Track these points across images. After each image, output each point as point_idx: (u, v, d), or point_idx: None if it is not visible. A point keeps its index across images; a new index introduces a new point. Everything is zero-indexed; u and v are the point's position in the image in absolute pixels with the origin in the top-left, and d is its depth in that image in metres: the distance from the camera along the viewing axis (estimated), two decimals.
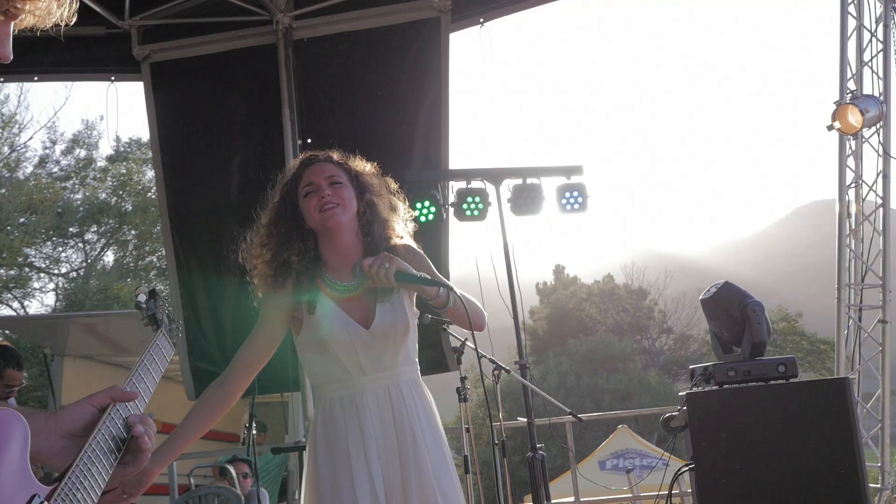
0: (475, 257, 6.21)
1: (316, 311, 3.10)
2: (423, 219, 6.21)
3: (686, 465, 4.71)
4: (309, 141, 6.95)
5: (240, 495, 6.83)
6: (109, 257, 23.44)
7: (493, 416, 4.99)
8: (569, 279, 39.30)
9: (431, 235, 6.52)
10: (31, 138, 33.58)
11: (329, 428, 3.11)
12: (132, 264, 23.28)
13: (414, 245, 3.29)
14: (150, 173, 21.08)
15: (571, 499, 7.18)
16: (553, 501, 6.22)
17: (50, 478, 1.52)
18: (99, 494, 1.49)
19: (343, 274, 3.16)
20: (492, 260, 6.24)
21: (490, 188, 6.41)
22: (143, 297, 1.92)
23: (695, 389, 4.85)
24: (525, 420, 5.91)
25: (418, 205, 6.19)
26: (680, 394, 4.85)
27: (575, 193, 6.52)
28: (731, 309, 4.90)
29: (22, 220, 19.73)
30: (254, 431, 6.31)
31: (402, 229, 3.29)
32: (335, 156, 3.27)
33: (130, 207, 22.04)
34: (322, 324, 3.10)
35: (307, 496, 3.11)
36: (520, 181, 6.46)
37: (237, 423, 11.53)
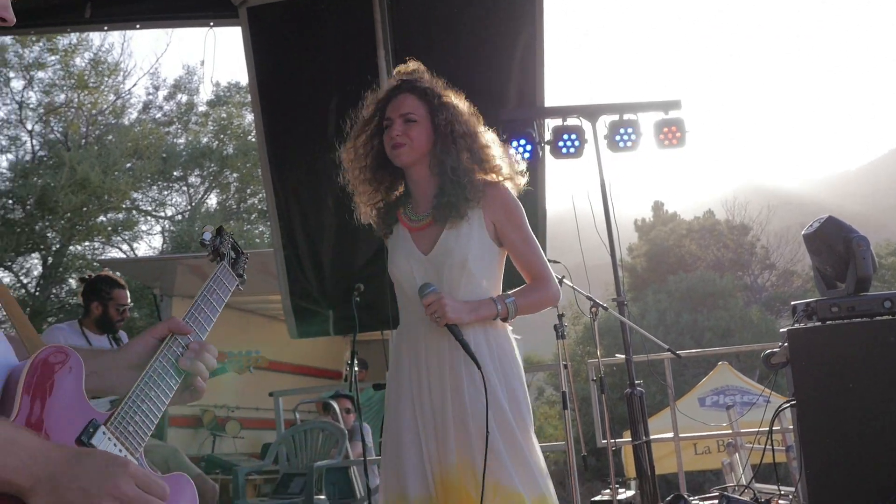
0: (572, 195, 6.20)
1: (391, 242, 3.20)
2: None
3: (787, 402, 4.66)
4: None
5: (343, 429, 7.01)
6: (212, 200, 23.96)
7: (590, 353, 5.01)
8: (668, 215, 38.70)
9: (527, 174, 6.51)
10: (134, 85, 34.42)
11: (396, 355, 3.23)
12: (234, 207, 23.74)
13: (510, 188, 3.27)
14: (250, 117, 21.40)
15: (670, 434, 7.17)
16: (651, 437, 6.23)
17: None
18: (158, 416, 1.58)
19: (421, 205, 3.24)
20: (588, 197, 6.21)
21: (586, 125, 6.36)
22: (207, 235, 2.00)
23: (797, 326, 4.78)
24: (623, 357, 5.92)
25: (514, 144, 6.18)
26: (781, 330, 4.78)
27: (673, 128, 6.42)
28: (834, 244, 4.80)
29: (128, 164, 20.26)
30: (355, 368, 6.46)
31: (496, 167, 3.26)
32: (423, 79, 3.29)
33: (231, 151, 22.42)
34: (391, 252, 3.21)
35: (387, 412, 3.22)
36: (616, 117, 6.39)
37: (339, 360, 11.78)
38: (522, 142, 6.24)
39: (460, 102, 3.28)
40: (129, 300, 5.78)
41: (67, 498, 1.25)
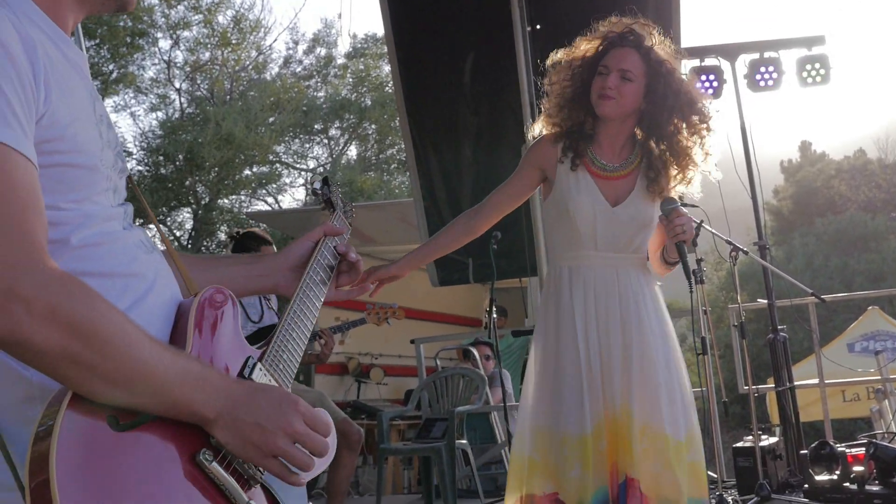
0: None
1: (570, 178, 3.22)
2: None
3: None
4: (538, 27, 6.93)
5: (483, 375, 7.11)
6: (352, 152, 24.36)
7: (732, 299, 4.94)
8: (816, 155, 37.35)
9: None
10: (275, 40, 35.11)
11: (556, 291, 3.27)
12: (374, 158, 24.09)
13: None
14: (387, 68, 21.60)
15: (815, 381, 7.01)
16: (796, 383, 6.12)
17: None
18: (310, 328, 1.70)
19: (606, 154, 3.28)
20: (728, 140, 6.09)
21: (725, 64, 6.21)
22: (318, 185, 2.13)
23: None
24: (765, 302, 5.82)
25: None
26: None
27: (817, 65, 6.21)
28: None
29: (271, 119, 20.77)
30: (494, 315, 6.53)
31: (691, 149, 3.24)
32: (650, 42, 3.25)
33: (369, 103, 22.69)
34: (572, 191, 3.22)
35: (535, 348, 3.29)
36: (756, 55, 6.21)
37: (478, 307, 11.91)
38: None
39: (680, 72, 3.27)
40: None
41: (245, 431, 1.34)
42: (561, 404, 3.11)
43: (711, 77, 6.20)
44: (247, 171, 21.07)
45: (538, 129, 3.43)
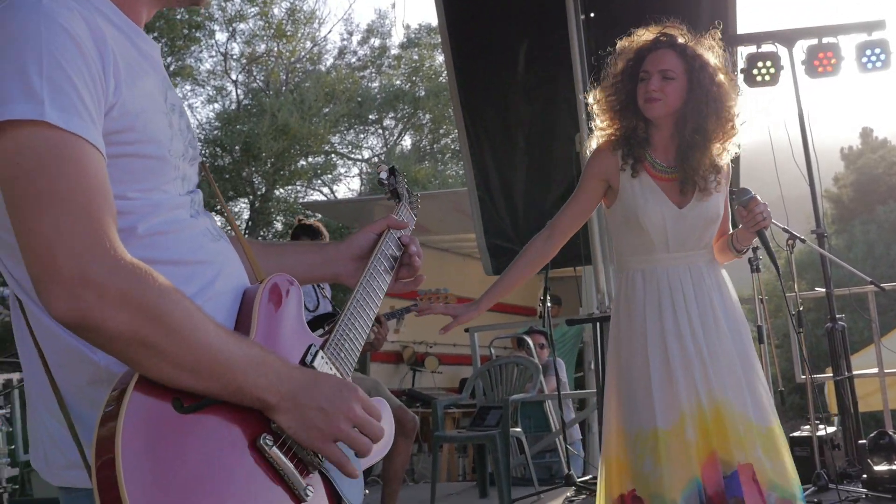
0: (768, 125, 6.02)
1: (634, 185, 3.27)
2: None
3: None
4: (592, 15, 6.91)
5: (537, 364, 7.12)
6: (407, 141, 24.41)
7: (788, 287, 4.91)
8: (877, 142, 36.64)
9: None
10: (329, 31, 35.29)
11: (629, 295, 3.36)
12: (428, 147, 24.12)
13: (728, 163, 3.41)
14: (441, 58, 21.61)
15: (875, 370, 6.92)
16: (855, 373, 6.05)
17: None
18: (372, 318, 1.74)
19: (661, 155, 3.36)
20: (786, 127, 6.03)
21: (782, 51, 6.14)
22: (384, 174, 2.13)
23: None
24: (824, 290, 5.76)
25: None
26: None
27: (877, 50, 6.11)
28: None
29: (325, 109, 20.89)
30: (548, 304, 6.55)
31: (731, 136, 3.35)
32: (683, 40, 3.35)
33: (423, 93, 22.73)
34: (638, 198, 3.29)
35: (610, 354, 3.43)
36: (814, 41, 6.13)
37: (533, 296, 11.91)
38: None
39: (716, 64, 3.34)
40: None
41: (308, 416, 1.38)
42: (633, 403, 3.22)
43: (768, 63, 6.14)
44: (302, 162, 21.23)
45: (594, 144, 3.51)
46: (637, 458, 3.14)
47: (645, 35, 3.41)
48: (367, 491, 5.16)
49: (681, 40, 3.32)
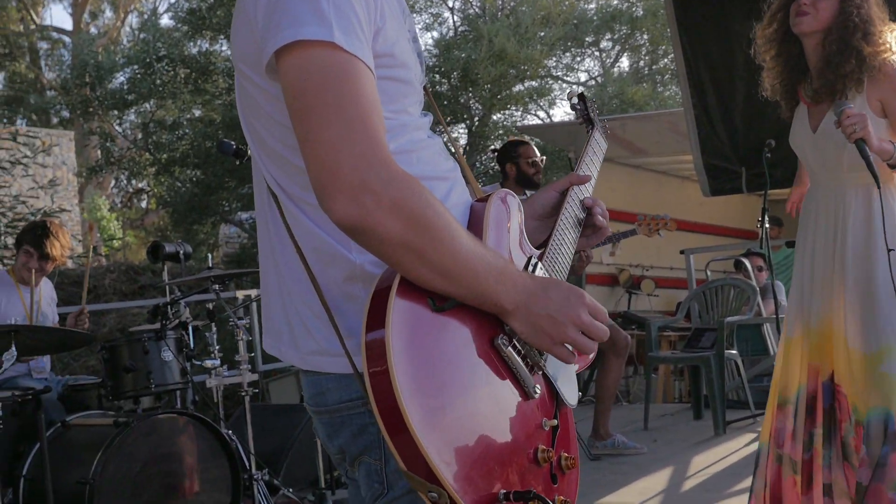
0: None
1: (797, 112, 3.35)
2: None
3: None
4: None
5: (755, 286, 7.03)
6: (624, 63, 24.02)
7: None
8: None
9: None
10: None
11: (804, 212, 3.53)
12: (646, 69, 23.66)
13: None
14: None
15: None
16: None
17: None
18: (570, 260, 1.80)
19: (813, 79, 3.33)
20: None
21: None
22: (575, 100, 2.21)
23: None
24: None
25: None
26: None
27: None
28: None
29: (541, 33, 20.82)
30: (766, 226, 6.42)
31: (884, 48, 3.22)
32: None
33: (641, 12, 22.24)
34: (795, 125, 3.43)
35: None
36: None
37: (752, 218, 11.61)
38: None
39: None
40: (537, 154, 6.10)
41: (539, 323, 1.50)
42: (788, 312, 3.54)
43: None
44: (519, 86, 21.31)
45: (770, 97, 3.54)
46: (778, 357, 3.55)
47: None
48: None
49: None
